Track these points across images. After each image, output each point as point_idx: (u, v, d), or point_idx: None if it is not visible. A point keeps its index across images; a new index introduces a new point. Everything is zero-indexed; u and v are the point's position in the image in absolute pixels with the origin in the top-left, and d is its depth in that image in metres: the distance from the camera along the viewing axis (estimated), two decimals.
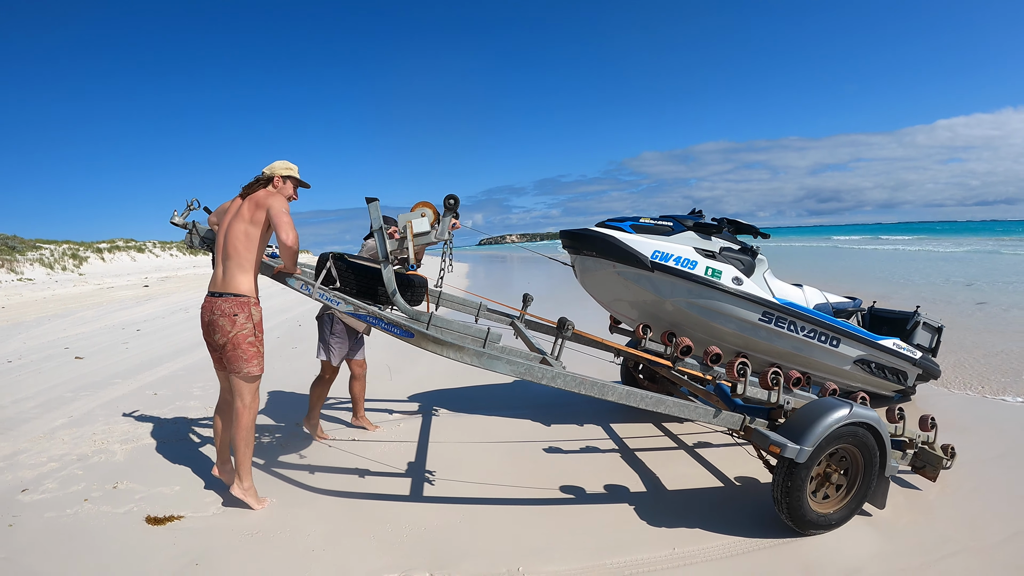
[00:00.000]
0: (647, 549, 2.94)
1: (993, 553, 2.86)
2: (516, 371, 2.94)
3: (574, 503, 3.49)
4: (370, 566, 2.76)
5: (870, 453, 3.14)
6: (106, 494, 3.55)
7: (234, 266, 3.22)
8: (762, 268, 4.54)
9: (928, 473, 3.58)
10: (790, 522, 3.02)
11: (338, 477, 3.81)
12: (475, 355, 2.93)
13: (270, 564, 2.80)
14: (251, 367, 3.25)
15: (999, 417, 4.82)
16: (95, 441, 4.45)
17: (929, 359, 5.03)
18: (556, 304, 9.48)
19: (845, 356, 4.57)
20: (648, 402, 3.08)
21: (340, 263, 3.50)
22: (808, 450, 2.89)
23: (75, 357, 7.78)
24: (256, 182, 3.39)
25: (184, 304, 14.13)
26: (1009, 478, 3.71)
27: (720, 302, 4.23)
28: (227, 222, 3.29)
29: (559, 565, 2.79)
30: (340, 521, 3.22)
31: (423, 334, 2.98)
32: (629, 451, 4.27)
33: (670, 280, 4.18)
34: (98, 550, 2.94)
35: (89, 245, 31.02)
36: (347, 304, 3.17)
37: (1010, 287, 13.60)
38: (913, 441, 3.62)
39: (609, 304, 4.71)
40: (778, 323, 4.34)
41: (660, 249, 4.16)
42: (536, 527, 3.17)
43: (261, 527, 3.13)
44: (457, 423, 4.95)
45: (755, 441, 3.12)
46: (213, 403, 5.39)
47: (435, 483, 3.72)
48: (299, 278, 3.30)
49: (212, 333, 3.26)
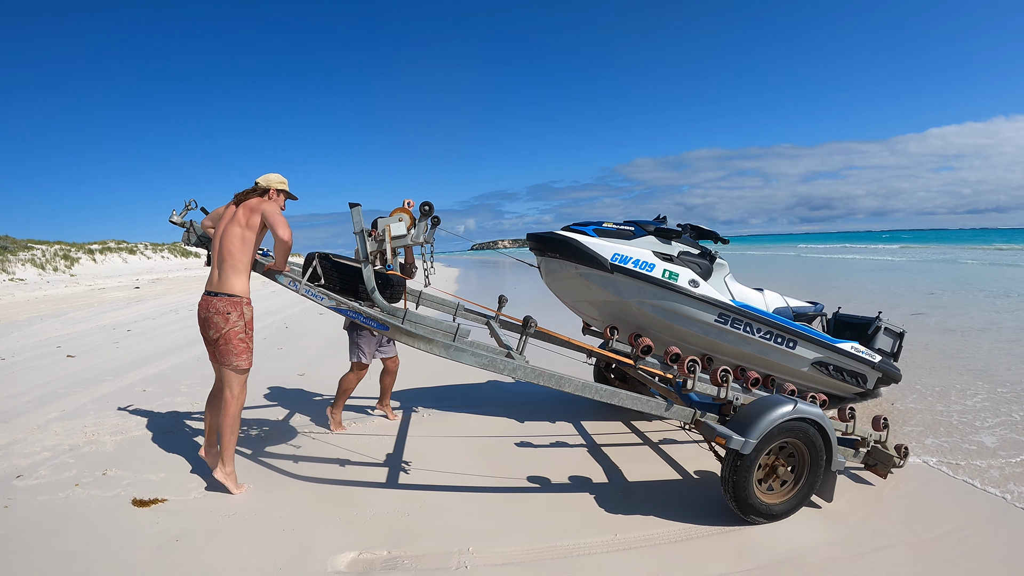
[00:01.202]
0: (592, 534, 3.20)
1: (925, 547, 3.09)
2: (480, 362, 3.23)
3: (533, 492, 3.77)
4: (333, 544, 3.05)
5: (816, 448, 3.34)
6: (96, 480, 3.83)
7: (229, 268, 3.53)
8: (722, 272, 4.72)
9: (879, 471, 3.79)
10: (737, 510, 3.24)
11: (313, 466, 4.10)
12: (443, 347, 3.24)
13: (243, 542, 3.08)
14: (240, 361, 3.57)
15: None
16: (86, 433, 4.72)
17: (889, 363, 5.12)
18: (537, 307, 9.75)
19: (802, 358, 4.69)
20: (603, 394, 3.34)
21: (325, 262, 3.82)
22: (753, 442, 3.13)
23: (67, 355, 8.02)
24: (251, 191, 3.71)
25: (174, 306, 14.35)
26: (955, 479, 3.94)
27: (677, 303, 4.40)
28: (223, 227, 3.60)
29: (507, 546, 3.07)
30: (310, 505, 3.51)
31: (397, 327, 3.30)
32: (596, 447, 4.55)
33: (629, 282, 4.35)
34: (87, 528, 3.22)
35: (81, 246, 31.09)
36: (330, 299, 3.49)
37: (943, 296, 13.87)
38: (866, 440, 3.86)
39: (573, 304, 4.89)
40: (734, 324, 4.49)
41: (620, 252, 4.34)
42: (492, 512, 3.45)
43: (237, 509, 3.42)
44: (435, 419, 5.24)
45: (704, 433, 3.38)
46: (200, 399, 5.69)
47: (403, 472, 4.01)
48: (287, 275, 3.64)
49: (207, 329, 3.57)
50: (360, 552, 2.98)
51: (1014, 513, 3.44)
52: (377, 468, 4.09)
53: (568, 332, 4.72)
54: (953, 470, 4.07)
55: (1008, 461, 4.16)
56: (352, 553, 2.96)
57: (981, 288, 15.69)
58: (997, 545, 3.09)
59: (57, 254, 27.58)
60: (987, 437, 4.67)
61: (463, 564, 2.89)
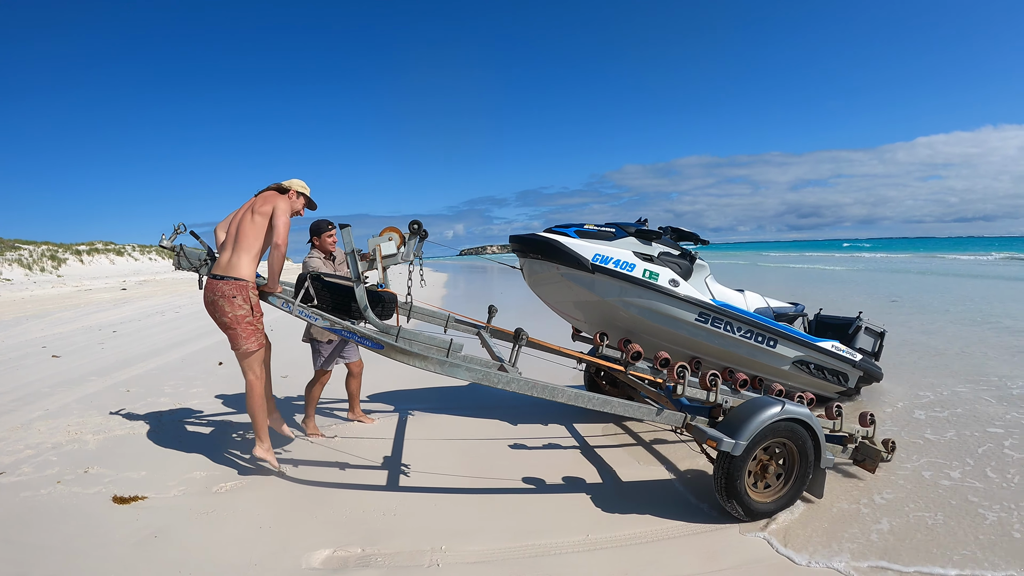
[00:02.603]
0: (564, 534, 3.24)
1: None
2: (475, 377, 3.30)
3: (507, 492, 3.82)
4: (309, 541, 3.12)
5: (805, 447, 3.41)
6: (77, 477, 3.89)
7: (241, 250, 3.65)
8: (702, 273, 4.80)
9: (867, 466, 3.87)
10: (731, 510, 3.32)
11: (292, 467, 4.14)
12: (438, 363, 3.31)
13: (221, 538, 3.15)
14: (249, 344, 3.68)
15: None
16: (69, 432, 4.77)
17: (870, 362, 5.21)
18: (524, 313, 9.83)
19: (783, 357, 4.77)
20: (595, 403, 3.42)
21: (316, 283, 3.87)
22: (743, 444, 3.20)
23: (52, 355, 8.04)
24: (273, 186, 3.86)
25: (160, 307, 14.34)
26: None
27: (658, 303, 4.47)
28: (240, 213, 3.76)
29: (479, 545, 3.13)
30: (288, 504, 3.58)
31: (392, 346, 3.35)
32: (589, 448, 4.58)
33: (610, 281, 4.41)
34: (68, 523, 3.28)
35: (68, 247, 30.93)
36: (324, 319, 3.58)
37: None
38: (853, 436, 3.95)
39: (555, 305, 4.94)
40: (714, 323, 4.56)
41: (601, 252, 4.41)
42: (468, 513, 3.52)
43: (216, 506, 3.49)
44: (427, 422, 5.27)
45: (695, 436, 3.44)
46: (183, 400, 5.75)
47: (381, 472, 4.07)
48: (280, 296, 3.72)
49: (215, 313, 3.66)
50: (335, 550, 3.05)
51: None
52: (355, 469, 4.14)
53: (557, 336, 4.76)
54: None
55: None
56: (327, 550, 3.03)
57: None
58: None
59: (44, 254, 27.43)
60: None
61: (435, 562, 2.95)
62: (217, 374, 7.00)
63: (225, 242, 3.75)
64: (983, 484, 3.75)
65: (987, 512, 3.38)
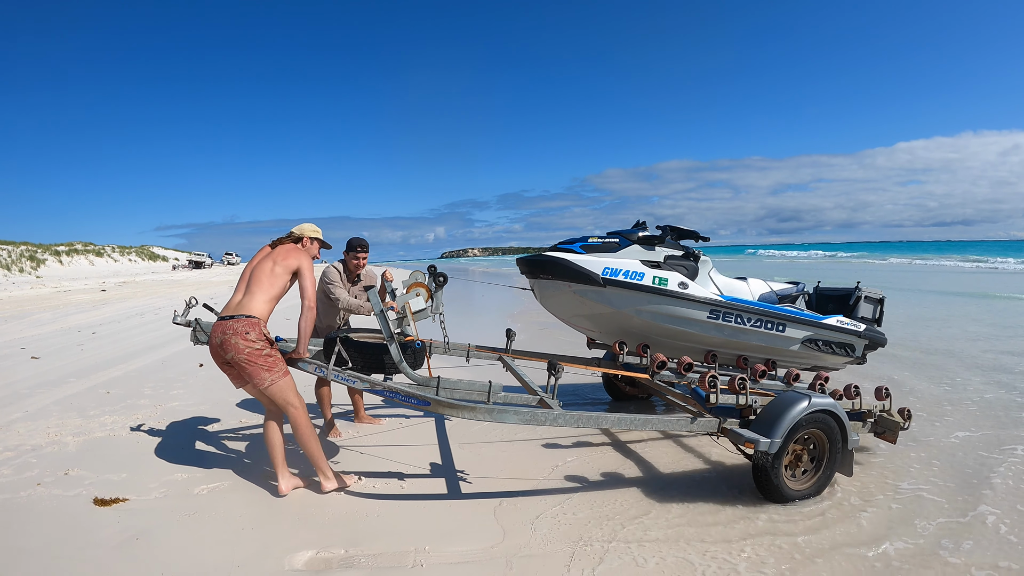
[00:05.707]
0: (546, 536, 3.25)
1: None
2: (523, 420, 3.38)
3: (491, 495, 3.82)
4: (290, 543, 3.13)
5: (832, 432, 3.65)
6: (58, 479, 3.87)
7: (258, 292, 3.57)
8: (706, 268, 4.93)
9: (888, 437, 4.09)
10: (772, 501, 3.54)
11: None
12: (487, 412, 3.33)
13: (202, 539, 3.15)
14: (275, 375, 3.50)
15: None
16: (49, 433, 4.73)
17: (874, 329, 5.32)
18: (516, 317, 9.89)
19: (793, 339, 4.91)
20: (637, 424, 3.58)
21: (346, 344, 3.84)
22: (778, 442, 3.40)
23: (31, 357, 7.95)
24: (285, 238, 3.85)
25: (140, 309, 14.20)
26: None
27: (670, 306, 4.58)
28: (257, 260, 3.71)
29: (461, 546, 3.15)
30: (271, 506, 3.58)
31: (437, 401, 3.36)
32: (567, 448, 4.59)
33: (622, 292, 4.50)
34: (48, 525, 3.27)
35: (47, 247, 30.51)
36: (363, 382, 3.57)
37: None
38: (872, 411, 4.15)
39: (568, 320, 5.02)
40: (725, 318, 4.69)
41: (609, 265, 4.49)
42: (455, 514, 3.54)
43: (198, 508, 3.49)
44: (412, 423, 5.24)
45: (731, 439, 3.60)
46: (164, 402, 5.72)
47: (366, 476, 4.05)
48: (311, 361, 3.69)
49: (224, 352, 3.45)
50: (318, 551, 3.06)
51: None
52: (341, 472, 4.15)
53: (568, 340, 4.78)
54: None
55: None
56: (310, 552, 3.04)
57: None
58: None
59: (23, 255, 27.03)
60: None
61: (419, 562, 2.98)
62: (197, 376, 6.96)
63: (237, 288, 3.67)
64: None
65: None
